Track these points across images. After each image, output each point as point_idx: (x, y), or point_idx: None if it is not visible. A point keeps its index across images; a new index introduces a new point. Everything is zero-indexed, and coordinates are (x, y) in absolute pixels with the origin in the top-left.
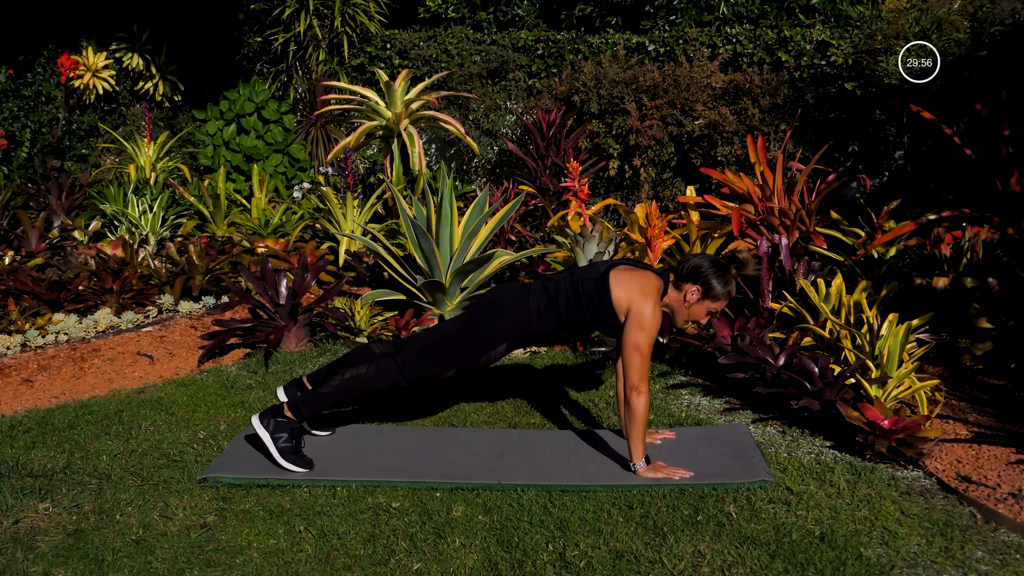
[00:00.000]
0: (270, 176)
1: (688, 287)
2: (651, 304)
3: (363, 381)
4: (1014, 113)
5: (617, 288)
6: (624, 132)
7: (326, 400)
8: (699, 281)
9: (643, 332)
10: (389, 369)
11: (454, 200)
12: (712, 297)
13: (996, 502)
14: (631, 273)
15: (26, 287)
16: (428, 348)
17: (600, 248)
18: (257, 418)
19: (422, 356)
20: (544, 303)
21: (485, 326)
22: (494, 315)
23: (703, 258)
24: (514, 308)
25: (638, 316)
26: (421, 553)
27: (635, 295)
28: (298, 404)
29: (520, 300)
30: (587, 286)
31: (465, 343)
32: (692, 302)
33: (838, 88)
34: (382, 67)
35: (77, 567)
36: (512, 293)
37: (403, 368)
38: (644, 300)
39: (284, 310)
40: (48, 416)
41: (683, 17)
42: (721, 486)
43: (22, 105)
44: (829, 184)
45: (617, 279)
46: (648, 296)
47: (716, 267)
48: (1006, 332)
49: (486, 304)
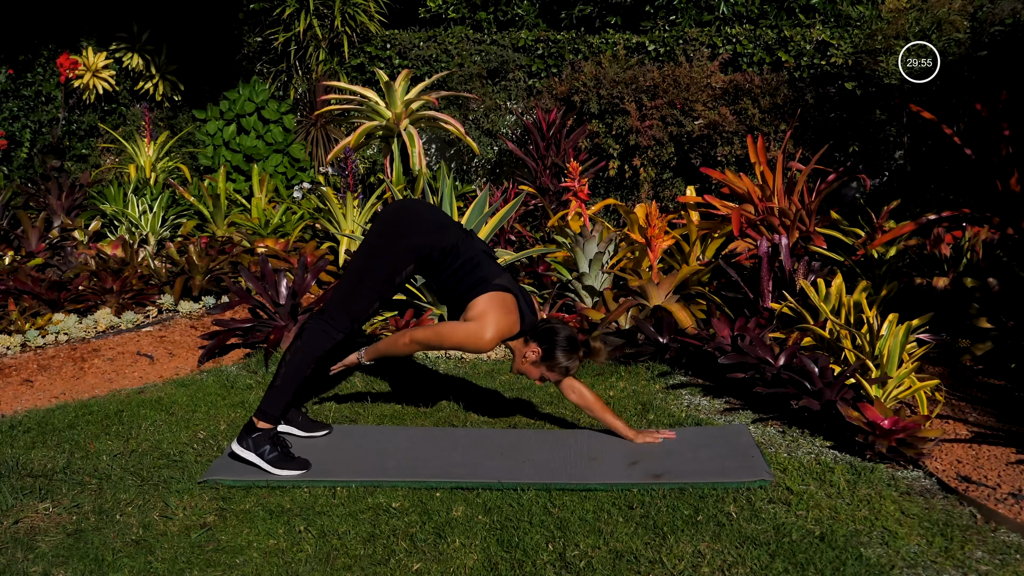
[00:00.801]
0: (270, 176)
1: (532, 345)
2: (486, 335)
3: (303, 352)
4: (1014, 113)
5: (486, 301)
6: (624, 132)
7: (283, 390)
8: (544, 346)
9: (448, 340)
10: (319, 328)
11: (454, 200)
12: (548, 365)
13: (996, 502)
14: (506, 306)
15: (26, 287)
16: (345, 294)
17: (600, 248)
18: (236, 445)
19: (342, 303)
20: (450, 247)
21: (393, 246)
22: (404, 231)
23: (564, 329)
24: (430, 227)
25: (468, 331)
26: (421, 553)
27: (489, 316)
28: (262, 408)
29: (439, 224)
30: (476, 274)
31: (376, 274)
32: (530, 359)
33: (838, 88)
34: (382, 67)
35: (77, 567)
36: (430, 212)
37: (332, 322)
38: (484, 327)
39: (284, 310)
40: (48, 416)
41: (683, 17)
42: (721, 486)
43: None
44: (829, 184)
45: (494, 298)
46: (493, 327)
47: (569, 344)
48: (1006, 332)
49: (396, 219)
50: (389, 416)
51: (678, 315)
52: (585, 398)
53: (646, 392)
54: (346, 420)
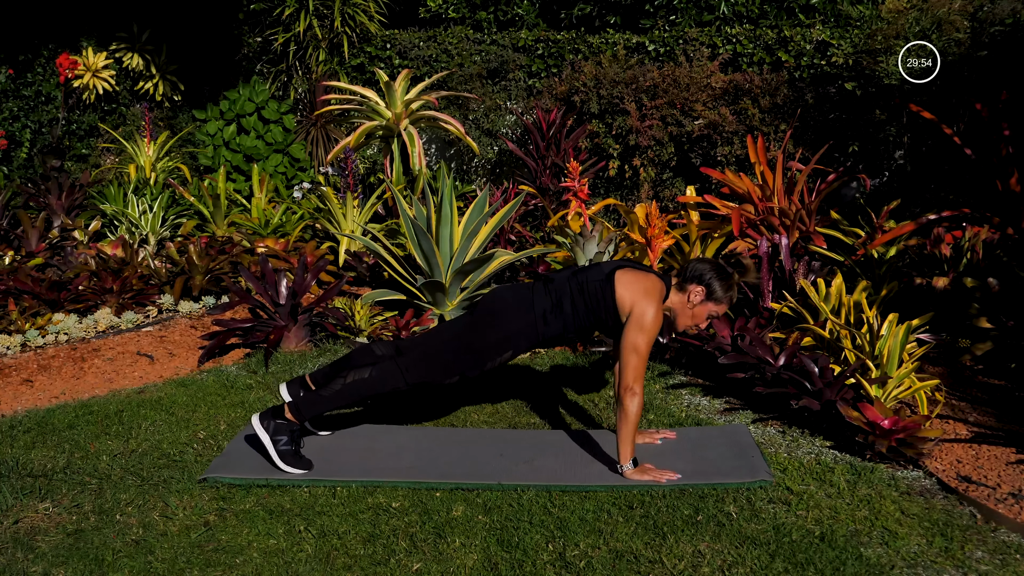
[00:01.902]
0: (270, 176)
1: (692, 288)
2: (654, 306)
3: (365, 385)
4: (1014, 113)
5: (622, 289)
6: (624, 132)
7: (328, 403)
8: (703, 283)
9: (643, 333)
10: (392, 373)
11: (454, 200)
12: (715, 300)
13: (996, 502)
14: (635, 275)
15: (26, 287)
16: (432, 354)
17: (600, 248)
18: (257, 418)
19: (425, 362)
20: (549, 307)
21: (491, 332)
22: (498, 321)
23: (707, 262)
24: (519, 313)
25: (640, 317)
26: (421, 553)
27: (639, 296)
28: (299, 406)
29: (525, 304)
30: (592, 287)
31: (469, 350)
32: (695, 303)
33: (838, 88)
34: (382, 67)
35: (77, 567)
36: (516, 296)
37: (406, 372)
38: (647, 302)
39: (284, 310)
40: (48, 416)
41: (683, 17)
42: (721, 486)
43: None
44: (829, 184)
45: (622, 280)
46: (651, 298)
47: (720, 271)
48: (1006, 332)
49: (490, 309)
50: (389, 416)
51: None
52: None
53: (646, 392)
54: (346, 420)
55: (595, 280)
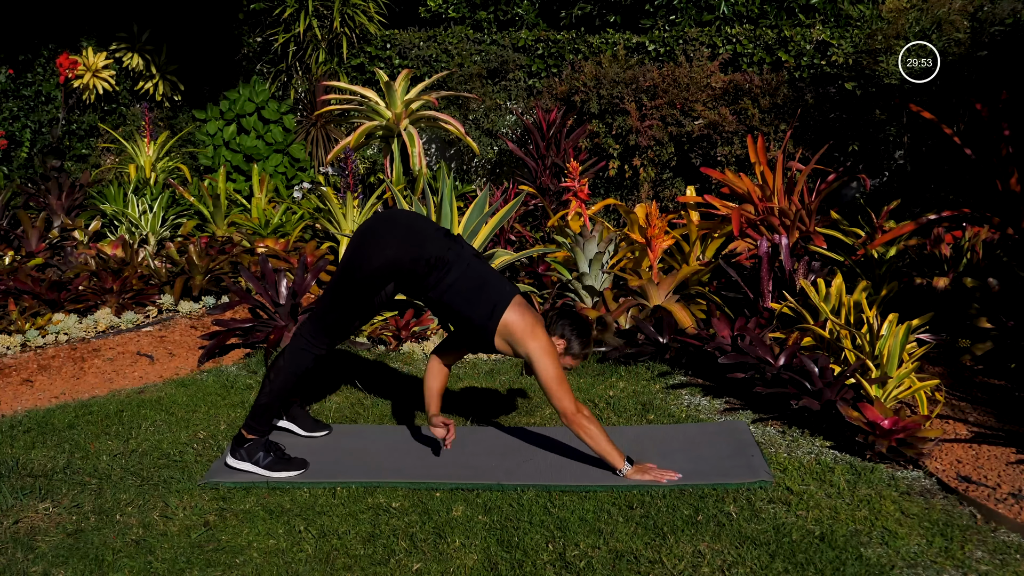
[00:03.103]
0: (270, 176)
1: (555, 340)
2: (547, 338)
3: (287, 372)
4: (1014, 113)
5: (516, 317)
6: (624, 132)
7: (269, 407)
8: (564, 338)
9: (553, 362)
10: (301, 348)
11: (454, 200)
12: (571, 355)
13: (996, 502)
14: (526, 308)
15: (26, 287)
16: (325, 314)
17: (600, 248)
18: (229, 458)
19: (322, 323)
20: (435, 258)
21: (369, 265)
22: (379, 249)
23: (571, 317)
24: (405, 238)
25: (544, 349)
26: (421, 553)
27: (537, 328)
28: (249, 422)
29: (415, 233)
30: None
31: (355, 295)
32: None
33: (838, 88)
34: (382, 67)
35: (77, 567)
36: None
37: (312, 339)
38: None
39: (284, 310)
40: (48, 416)
41: (683, 17)
42: (721, 486)
43: (22, 105)
44: (829, 184)
45: (516, 310)
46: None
47: (581, 329)
48: (1006, 332)
49: (371, 236)
50: (389, 416)
51: (678, 315)
52: None
53: (646, 392)
54: (346, 420)
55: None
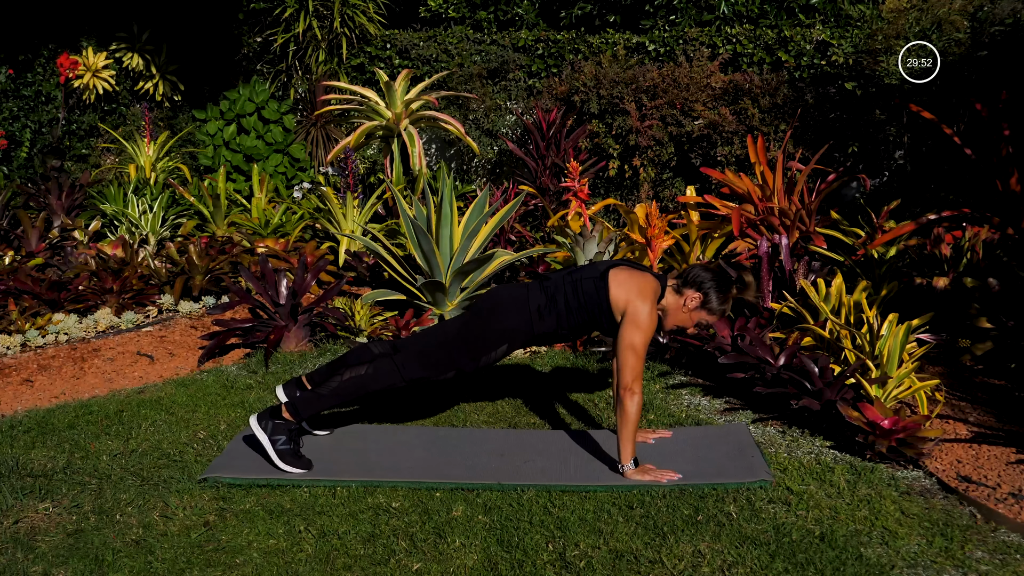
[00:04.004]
0: (270, 176)
1: (689, 293)
2: (648, 305)
3: (361, 382)
4: (1014, 113)
5: (615, 287)
6: (624, 132)
7: (325, 402)
8: (701, 291)
9: (639, 332)
10: (388, 370)
11: (454, 200)
12: (708, 310)
13: (996, 502)
14: (630, 273)
15: (26, 287)
16: (427, 350)
17: (600, 248)
18: (255, 419)
19: (421, 358)
20: (544, 303)
21: (485, 328)
22: (494, 316)
23: (711, 271)
24: (514, 309)
25: (634, 316)
26: (421, 553)
27: (633, 295)
28: (297, 405)
29: (520, 300)
30: (586, 286)
31: (464, 345)
32: (690, 308)
33: (838, 88)
34: (382, 67)
35: (77, 567)
36: (511, 293)
37: (402, 369)
38: (641, 300)
39: (284, 310)
40: (48, 416)
41: (683, 17)
42: (721, 486)
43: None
44: (829, 184)
45: (616, 279)
46: (645, 297)
47: (721, 283)
48: (1006, 332)
49: (485, 306)
50: (389, 416)
51: None
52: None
53: (646, 392)
54: (347, 420)
55: (589, 278)
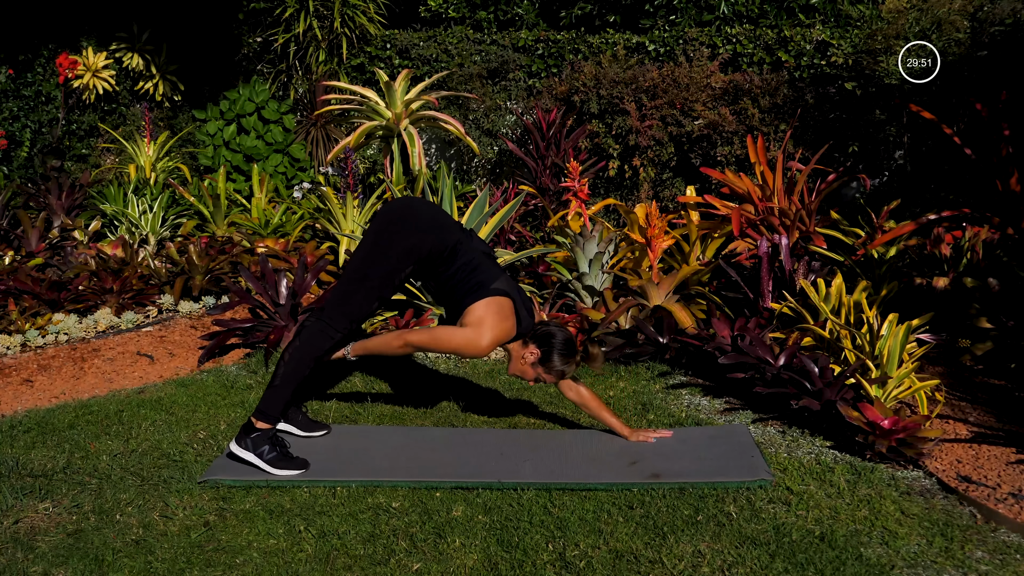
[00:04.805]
0: (270, 176)
1: (531, 347)
2: (483, 340)
3: (301, 353)
4: (1014, 113)
5: (484, 308)
6: (624, 132)
7: (283, 389)
8: (542, 348)
9: (447, 343)
10: (318, 330)
11: (454, 200)
12: (547, 367)
13: (996, 502)
14: (505, 311)
15: (26, 287)
16: (346, 294)
17: (600, 248)
18: (234, 444)
19: (342, 304)
20: (450, 249)
21: (392, 248)
22: (403, 232)
23: (560, 333)
24: (429, 227)
25: (466, 335)
26: (421, 553)
27: (487, 321)
28: (260, 409)
29: (438, 225)
30: (474, 278)
31: (377, 275)
32: (528, 361)
33: (838, 88)
34: (382, 67)
35: (77, 567)
36: (429, 211)
37: (330, 322)
38: (482, 333)
39: (284, 310)
40: (48, 416)
41: (683, 17)
42: (721, 486)
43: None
44: (829, 184)
45: (491, 304)
46: (489, 332)
47: (565, 347)
48: (1006, 332)
49: (395, 219)
50: (389, 416)
51: (678, 315)
52: (582, 396)
53: (646, 392)
54: (346, 420)
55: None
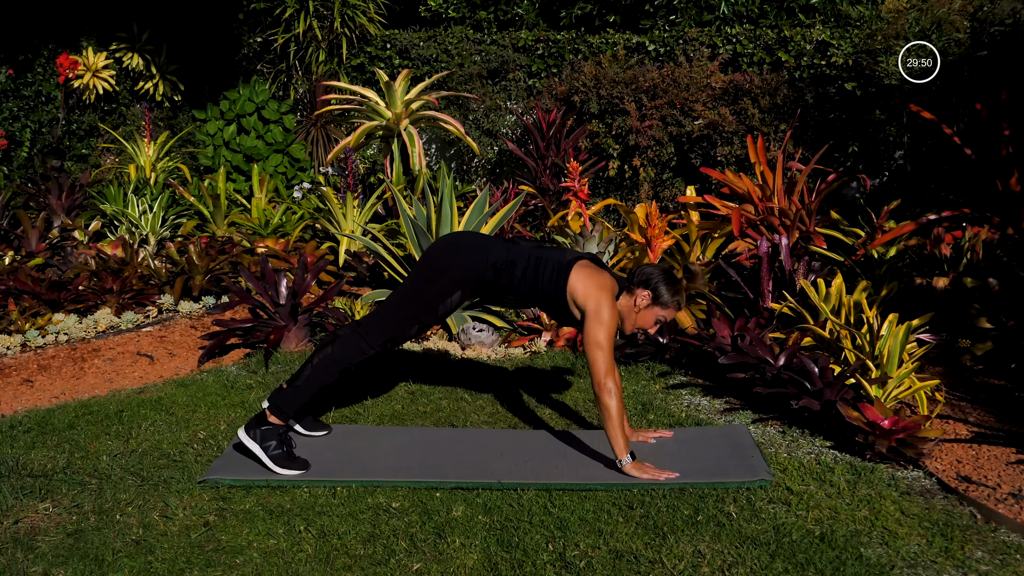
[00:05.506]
0: (270, 176)
1: (639, 292)
2: (607, 301)
3: (331, 360)
4: (1014, 113)
5: (576, 280)
6: (624, 132)
7: (304, 391)
8: (649, 287)
9: (602, 327)
10: (353, 342)
11: (454, 200)
12: (661, 304)
13: (996, 502)
14: (592, 269)
15: (26, 287)
16: (387, 313)
17: (600, 248)
18: (243, 430)
19: (382, 321)
20: (502, 262)
21: (444, 273)
22: (453, 260)
23: (655, 267)
24: (472, 255)
25: (596, 312)
26: (421, 553)
27: (592, 291)
28: (279, 405)
29: (480, 250)
30: (549, 267)
31: (421, 299)
32: (641, 307)
33: (838, 88)
34: (382, 67)
35: (77, 567)
36: (473, 241)
37: (366, 336)
38: (601, 296)
39: (284, 310)
40: (48, 416)
41: (683, 17)
42: (721, 486)
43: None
44: (829, 184)
45: (579, 272)
46: (605, 293)
47: (667, 276)
48: (1006, 332)
49: (440, 252)
50: (389, 416)
51: (678, 315)
52: None
53: (646, 392)
54: (346, 420)
55: (554, 260)
